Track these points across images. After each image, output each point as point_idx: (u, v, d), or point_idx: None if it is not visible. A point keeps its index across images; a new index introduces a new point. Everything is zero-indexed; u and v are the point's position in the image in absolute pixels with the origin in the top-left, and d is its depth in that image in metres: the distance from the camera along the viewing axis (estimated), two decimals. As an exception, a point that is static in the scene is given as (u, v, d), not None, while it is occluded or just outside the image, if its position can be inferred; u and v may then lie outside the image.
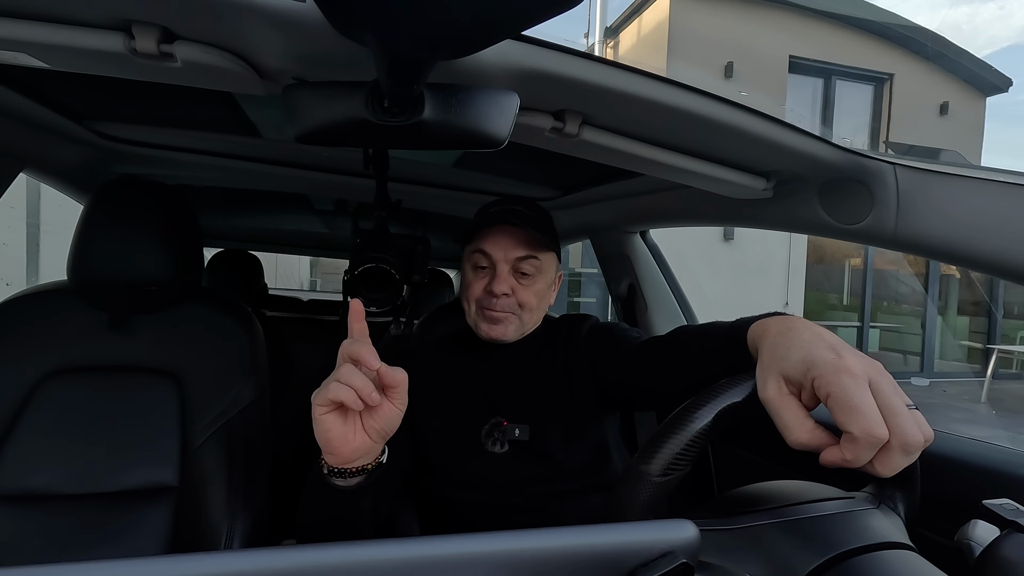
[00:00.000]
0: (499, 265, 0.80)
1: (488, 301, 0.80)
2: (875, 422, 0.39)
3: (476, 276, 0.82)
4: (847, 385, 0.41)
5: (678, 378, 0.68)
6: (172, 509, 0.87)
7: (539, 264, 0.82)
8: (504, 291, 0.79)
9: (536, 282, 0.83)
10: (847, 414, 0.40)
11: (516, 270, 0.81)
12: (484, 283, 0.81)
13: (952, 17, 21.82)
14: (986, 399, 6.09)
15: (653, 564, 0.32)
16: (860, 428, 0.39)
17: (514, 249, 0.80)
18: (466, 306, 0.84)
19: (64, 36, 0.49)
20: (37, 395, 0.86)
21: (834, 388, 0.41)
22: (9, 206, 2.73)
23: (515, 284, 0.81)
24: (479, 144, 0.49)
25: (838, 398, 0.41)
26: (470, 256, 0.83)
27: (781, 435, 0.44)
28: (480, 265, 0.82)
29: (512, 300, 0.81)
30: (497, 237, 0.80)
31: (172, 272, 0.90)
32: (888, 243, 0.73)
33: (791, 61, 6.54)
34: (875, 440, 0.39)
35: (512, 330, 0.82)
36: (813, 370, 0.43)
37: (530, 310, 0.83)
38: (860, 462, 0.40)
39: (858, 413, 0.39)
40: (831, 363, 0.42)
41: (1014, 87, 7.34)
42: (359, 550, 0.29)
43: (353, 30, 0.34)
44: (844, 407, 0.40)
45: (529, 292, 0.82)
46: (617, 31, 7.19)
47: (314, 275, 8.07)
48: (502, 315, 0.80)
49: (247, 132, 1.02)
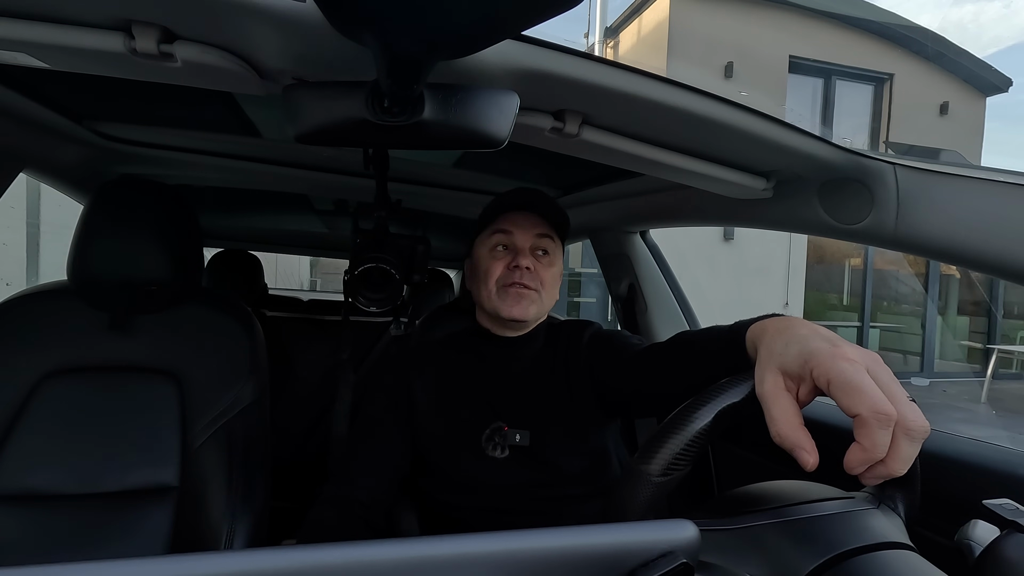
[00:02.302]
0: (520, 242, 0.83)
1: (511, 276, 0.81)
2: (880, 399, 0.39)
3: (495, 257, 0.84)
4: (845, 368, 0.41)
5: (678, 382, 0.68)
6: (172, 509, 0.87)
7: (554, 246, 0.86)
8: (528, 264, 0.81)
9: (553, 263, 0.86)
10: (850, 395, 0.39)
11: (535, 248, 0.84)
12: (505, 261, 0.83)
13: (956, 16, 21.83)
14: (986, 399, 6.09)
15: (653, 564, 0.32)
16: (866, 406, 0.38)
17: (533, 227, 0.84)
18: (484, 292, 0.84)
19: (64, 36, 0.48)
20: (37, 395, 0.86)
21: (833, 373, 0.41)
22: (9, 206, 2.73)
23: (536, 262, 0.83)
24: (479, 144, 0.49)
25: (839, 382, 0.40)
26: (488, 239, 0.85)
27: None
28: (501, 245, 0.84)
29: (535, 275, 0.82)
30: (517, 217, 0.84)
31: (172, 272, 0.90)
32: (888, 243, 0.73)
33: (791, 61, 6.54)
34: (884, 417, 0.38)
35: (533, 310, 0.83)
36: (811, 360, 0.43)
37: (547, 290, 0.84)
38: (879, 449, 0.39)
39: (861, 392, 0.39)
40: (828, 351, 0.42)
41: (1016, 87, 7.35)
42: (359, 550, 0.29)
43: (353, 30, 0.34)
44: (846, 389, 0.40)
45: (548, 271, 0.85)
46: (617, 31, 7.19)
47: (314, 275, 8.08)
48: (526, 291, 0.81)
49: (247, 132, 1.02)
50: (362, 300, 0.88)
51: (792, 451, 0.42)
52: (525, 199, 0.84)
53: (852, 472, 0.40)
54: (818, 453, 0.42)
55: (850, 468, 0.40)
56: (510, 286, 0.81)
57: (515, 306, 0.81)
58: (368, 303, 0.88)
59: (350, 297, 0.89)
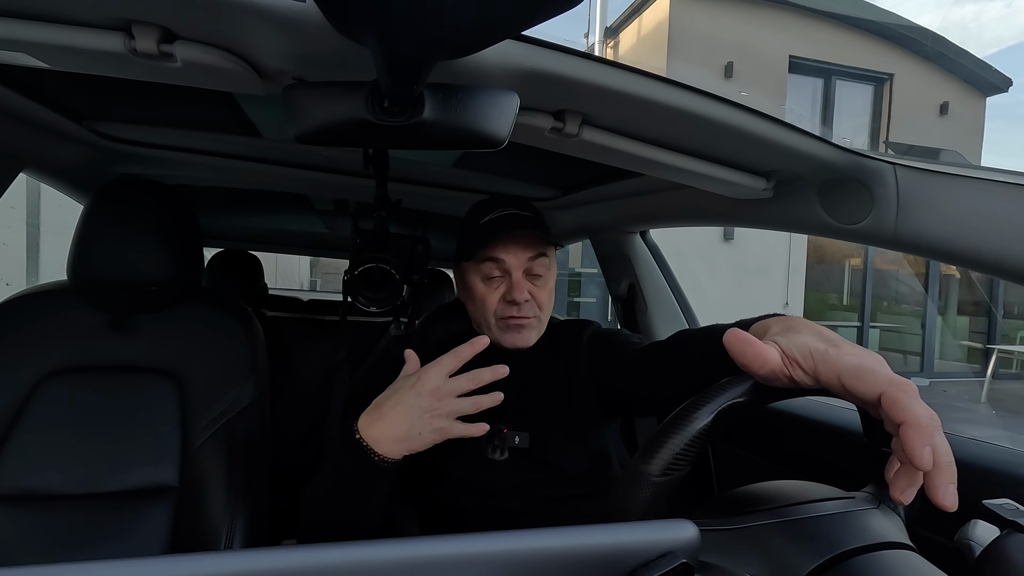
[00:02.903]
0: (514, 272, 0.79)
1: (509, 310, 0.79)
2: (892, 375, 0.39)
3: (490, 288, 0.80)
4: (850, 358, 0.41)
5: (679, 382, 0.68)
6: (172, 509, 0.87)
7: (548, 262, 0.82)
8: (525, 298, 0.78)
9: (548, 280, 0.83)
10: (863, 378, 0.39)
11: (528, 272, 0.80)
12: (500, 293, 0.80)
13: (958, 15, 21.77)
14: (986, 399, 6.09)
15: (653, 564, 0.32)
16: (885, 381, 0.38)
17: (524, 252, 0.79)
18: (481, 320, 0.82)
19: (64, 36, 0.48)
20: (37, 395, 0.86)
21: (841, 365, 0.41)
22: (9, 206, 2.73)
23: (531, 287, 0.80)
24: (479, 144, 0.49)
25: (848, 371, 0.41)
26: (479, 267, 0.81)
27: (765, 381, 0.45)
28: (493, 275, 0.80)
29: (532, 304, 0.80)
30: (506, 244, 0.79)
31: (172, 272, 0.90)
32: (888, 243, 0.73)
33: (791, 61, 6.54)
34: (905, 384, 0.38)
35: (535, 335, 0.81)
36: (815, 356, 0.43)
37: (546, 309, 0.82)
38: (923, 419, 0.35)
39: (872, 371, 0.39)
40: (832, 351, 0.43)
41: (1016, 87, 7.35)
42: (359, 550, 0.29)
43: (353, 30, 0.34)
44: (856, 373, 0.40)
45: (544, 292, 0.82)
46: (617, 31, 7.19)
47: (314, 275, 8.08)
48: (526, 321, 0.79)
49: (247, 132, 1.02)
50: (362, 300, 0.88)
51: (727, 344, 0.45)
52: (507, 223, 0.79)
53: (925, 466, 0.35)
54: (815, 455, 0.42)
55: (921, 460, 0.35)
56: (507, 319, 0.79)
57: (517, 337, 0.79)
58: (368, 303, 0.88)
59: (350, 297, 0.89)
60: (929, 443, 0.35)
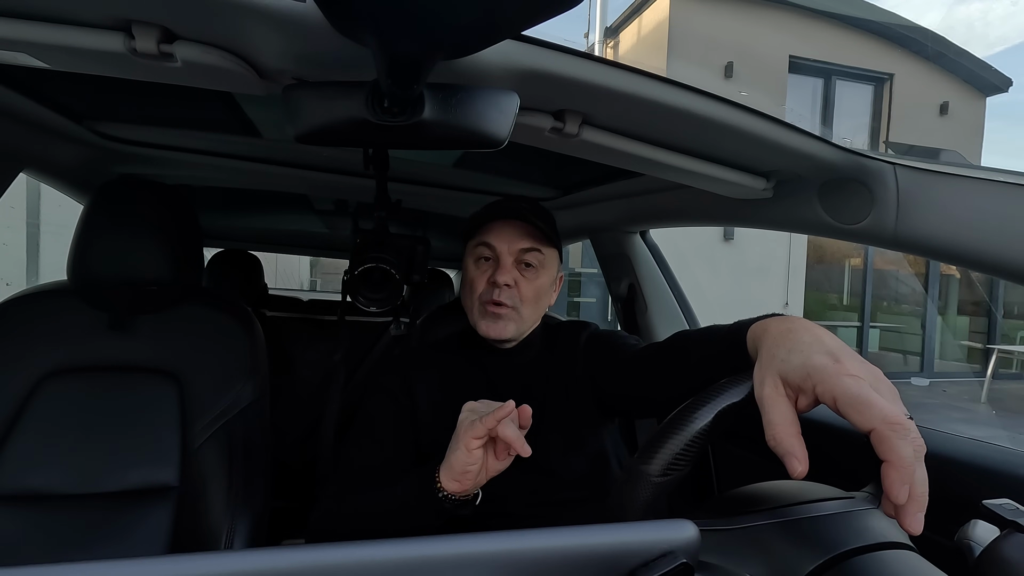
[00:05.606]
0: (503, 256, 0.80)
1: (490, 293, 0.79)
2: (888, 408, 0.38)
3: (479, 269, 0.82)
4: (850, 385, 0.40)
5: (678, 384, 0.68)
6: (172, 509, 0.87)
7: (542, 258, 0.82)
8: (507, 281, 0.79)
9: (539, 276, 0.82)
10: (859, 410, 0.39)
11: (520, 262, 0.81)
12: (487, 275, 0.81)
13: (964, 13, 21.65)
14: (986, 399, 6.09)
15: (653, 564, 0.32)
16: (879, 419, 0.38)
17: (518, 240, 0.80)
18: (468, 304, 0.83)
19: (64, 36, 0.48)
20: (37, 395, 0.86)
21: (839, 390, 0.41)
22: (9, 206, 2.73)
23: (518, 276, 0.81)
24: (479, 144, 0.49)
25: (845, 399, 0.40)
26: (473, 249, 0.83)
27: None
28: (484, 257, 0.82)
29: (514, 292, 0.80)
30: (501, 229, 0.80)
31: (172, 272, 0.90)
32: (888, 243, 0.73)
33: (791, 61, 6.54)
34: (897, 424, 0.38)
35: (512, 329, 0.81)
36: (814, 376, 0.42)
37: (530, 305, 0.82)
38: (907, 460, 0.37)
39: (870, 405, 0.39)
40: (831, 368, 0.42)
41: (1016, 87, 7.35)
42: (359, 550, 0.29)
43: (353, 30, 0.34)
44: (854, 404, 0.40)
45: (531, 286, 0.81)
46: (617, 31, 7.19)
47: (314, 275, 8.08)
48: (503, 310, 0.79)
49: (247, 132, 1.02)
50: (362, 300, 0.88)
51: (783, 457, 0.41)
52: (508, 210, 0.81)
53: (899, 502, 0.37)
54: (815, 455, 0.42)
55: (896, 497, 0.37)
56: (488, 303, 0.80)
57: (491, 326, 0.80)
58: (368, 303, 0.88)
59: (350, 297, 0.88)
60: (908, 481, 0.37)
